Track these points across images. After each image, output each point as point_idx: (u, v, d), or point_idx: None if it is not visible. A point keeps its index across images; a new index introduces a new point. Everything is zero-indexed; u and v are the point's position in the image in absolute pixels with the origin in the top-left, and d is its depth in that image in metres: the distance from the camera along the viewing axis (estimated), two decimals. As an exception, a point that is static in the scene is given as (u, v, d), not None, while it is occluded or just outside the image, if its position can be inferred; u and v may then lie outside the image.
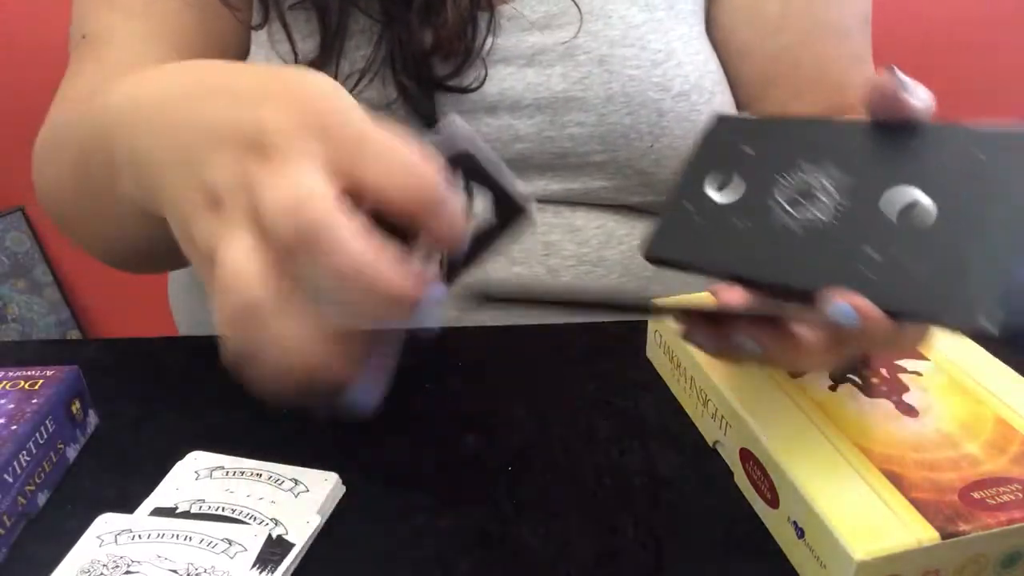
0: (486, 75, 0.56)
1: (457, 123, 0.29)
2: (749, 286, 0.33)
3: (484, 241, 0.31)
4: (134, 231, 0.45)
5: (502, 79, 0.57)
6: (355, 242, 0.25)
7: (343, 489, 0.42)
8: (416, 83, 0.55)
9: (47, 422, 0.42)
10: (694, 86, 0.58)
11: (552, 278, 0.59)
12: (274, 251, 0.26)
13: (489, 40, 0.56)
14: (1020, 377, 0.42)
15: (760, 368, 0.43)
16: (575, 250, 0.60)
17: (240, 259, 0.26)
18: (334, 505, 0.41)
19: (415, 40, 0.54)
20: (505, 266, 0.59)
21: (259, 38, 0.58)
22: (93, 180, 0.42)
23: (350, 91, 0.54)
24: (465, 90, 0.56)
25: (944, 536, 0.33)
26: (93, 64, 0.56)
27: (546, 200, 0.60)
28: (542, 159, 0.58)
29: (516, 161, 0.58)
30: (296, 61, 0.56)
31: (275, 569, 0.36)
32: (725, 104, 0.61)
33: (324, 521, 0.40)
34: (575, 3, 0.57)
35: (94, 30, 0.57)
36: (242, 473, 0.42)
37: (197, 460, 0.43)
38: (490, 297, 0.29)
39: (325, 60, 0.55)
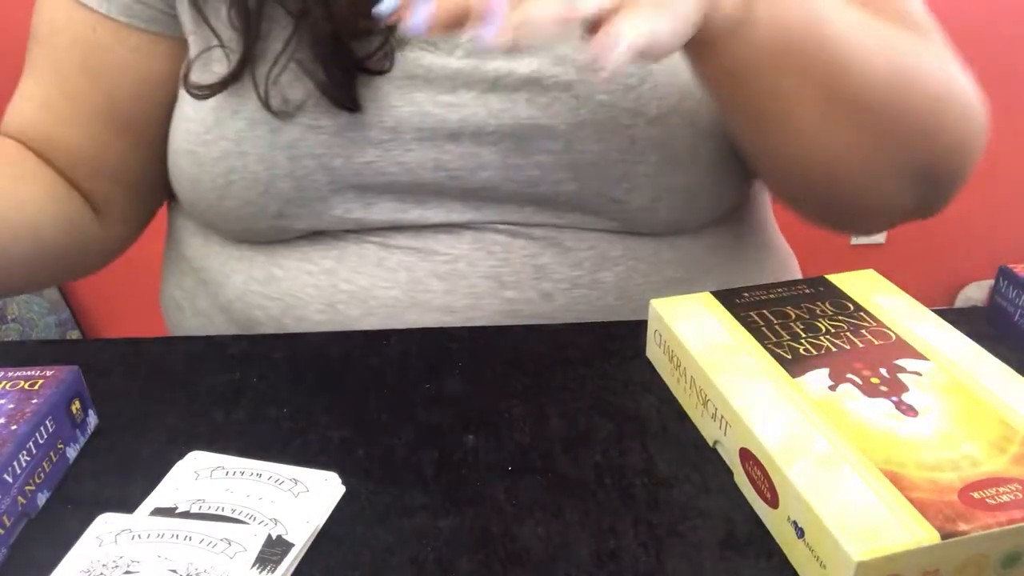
0: (394, 55, 0.54)
1: None
2: None
3: None
4: None
5: (463, 105, 0.54)
6: None
7: (343, 489, 0.42)
8: (329, 68, 0.53)
9: (47, 422, 0.42)
10: (672, 109, 0.54)
11: (545, 303, 0.57)
12: None
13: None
14: (1020, 377, 0.42)
15: (755, 364, 0.43)
16: (567, 273, 0.57)
17: None
18: (334, 505, 0.41)
19: (324, 23, 0.52)
20: (496, 290, 0.57)
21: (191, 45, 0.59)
22: None
23: (275, 77, 0.54)
24: (380, 72, 0.54)
25: (944, 536, 0.33)
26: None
27: (532, 224, 0.57)
28: (510, 188, 0.56)
29: (484, 190, 0.56)
30: (222, 46, 0.56)
31: (275, 569, 0.36)
32: (717, 118, 0.56)
33: (324, 521, 0.40)
34: None
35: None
36: (242, 473, 0.42)
37: (197, 460, 0.43)
38: None
39: (248, 46, 0.54)
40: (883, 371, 0.43)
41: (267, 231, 0.58)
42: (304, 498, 0.41)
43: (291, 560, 0.37)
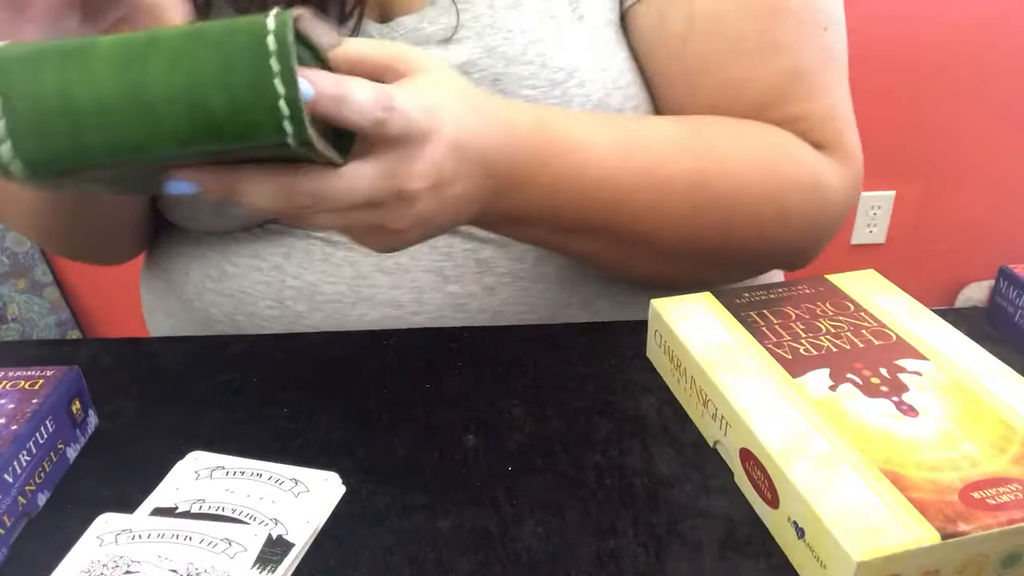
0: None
1: None
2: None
3: None
4: None
5: None
6: None
7: (343, 489, 0.42)
8: None
9: (47, 422, 0.42)
10: (597, 105, 0.54)
11: (489, 297, 0.57)
12: None
13: (359, 24, 0.54)
14: (1020, 377, 0.42)
15: (754, 363, 0.43)
16: (510, 267, 0.57)
17: None
18: (334, 505, 0.41)
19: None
20: (439, 284, 0.56)
21: None
22: None
23: None
24: None
25: (944, 536, 0.33)
26: None
27: None
28: None
29: None
30: None
31: (275, 569, 0.36)
32: (644, 114, 0.57)
33: (324, 521, 0.40)
34: (457, 11, 0.53)
35: None
36: (242, 473, 0.42)
37: (197, 460, 0.43)
38: None
39: None
40: (883, 371, 0.43)
41: (210, 219, 0.58)
42: (304, 498, 0.41)
43: (291, 560, 0.37)
